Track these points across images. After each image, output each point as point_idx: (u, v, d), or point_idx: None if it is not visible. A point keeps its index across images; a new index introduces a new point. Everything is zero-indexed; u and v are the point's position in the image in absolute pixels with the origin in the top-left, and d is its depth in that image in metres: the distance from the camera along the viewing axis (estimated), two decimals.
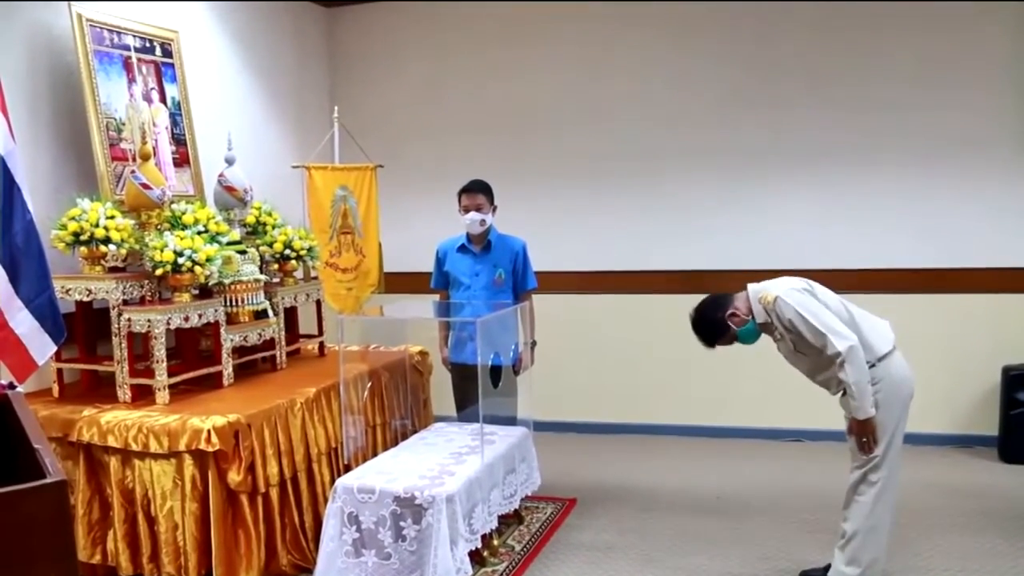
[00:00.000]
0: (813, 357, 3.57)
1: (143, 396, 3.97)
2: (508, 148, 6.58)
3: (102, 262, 4.01)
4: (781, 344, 3.68)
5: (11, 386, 1.80)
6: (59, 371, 4.08)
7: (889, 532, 3.68)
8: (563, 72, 6.50)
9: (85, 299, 3.98)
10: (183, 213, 4.28)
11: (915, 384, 3.64)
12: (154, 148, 4.52)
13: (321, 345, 5.26)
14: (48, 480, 1.33)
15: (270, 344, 4.71)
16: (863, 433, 3.53)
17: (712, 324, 3.76)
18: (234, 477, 3.64)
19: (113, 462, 3.66)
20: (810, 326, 3.45)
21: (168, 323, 3.94)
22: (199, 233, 4.19)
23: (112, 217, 3.96)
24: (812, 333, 3.46)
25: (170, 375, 3.98)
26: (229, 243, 4.39)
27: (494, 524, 4.10)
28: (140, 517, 3.64)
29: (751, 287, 3.70)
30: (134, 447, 3.61)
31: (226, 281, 4.29)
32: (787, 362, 3.75)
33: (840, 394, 3.61)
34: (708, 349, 3.83)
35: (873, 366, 3.50)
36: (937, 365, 5.92)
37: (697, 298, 6.19)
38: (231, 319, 4.35)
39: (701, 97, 6.24)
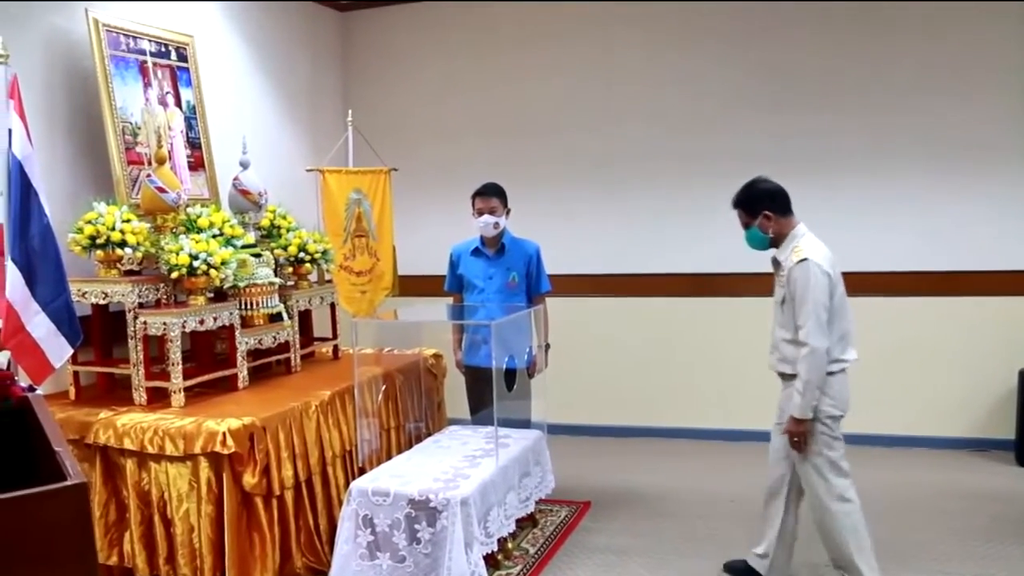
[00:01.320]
0: (788, 321, 3.66)
1: (159, 399, 3.98)
2: (521, 151, 6.58)
3: (118, 265, 4.02)
4: (777, 287, 3.78)
5: (30, 389, 1.81)
6: (75, 374, 4.10)
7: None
8: (574, 75, 6.50)
9: (101, 302, 4.00)
10: (198, 216, 4.30)
11: (846, 407, 3.72)
12: (169, 152, 4.54)
13: (335, 348, 5.27)
14: (69, 483, 1.34)
15: (284, 347, 4.72)
16: (796, 432, 3.64)
17: (755, 202, 3.80)
18: (249, 480, 3.64)
19: (129, 464, 3.68)
20: (803, 304, 3.53)
21: (183, 326, 3.96)
22: (214, 236, 4.20)
23: (128, 221, 3.98)
24: (800, 310, 3.55)
25: (185, 378, 3.99)
26: (244, 246, 4.40)
27: (512, 528, 4.10)
28: (156, 519, 3.65)
29: (800, 228, 3.76)
30: (150, 449, 3.62)
31: (241, 284, 4.30)
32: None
33: (783, 386, 3.76)
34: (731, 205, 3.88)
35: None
36: (953, 369, 5.91)
37: (708, 300, 6.30)
38: (246, 322, 4.36)
39: (709, 100, 6.23)
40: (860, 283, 6.03)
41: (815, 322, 3.50)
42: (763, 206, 3.76)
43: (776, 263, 3.79)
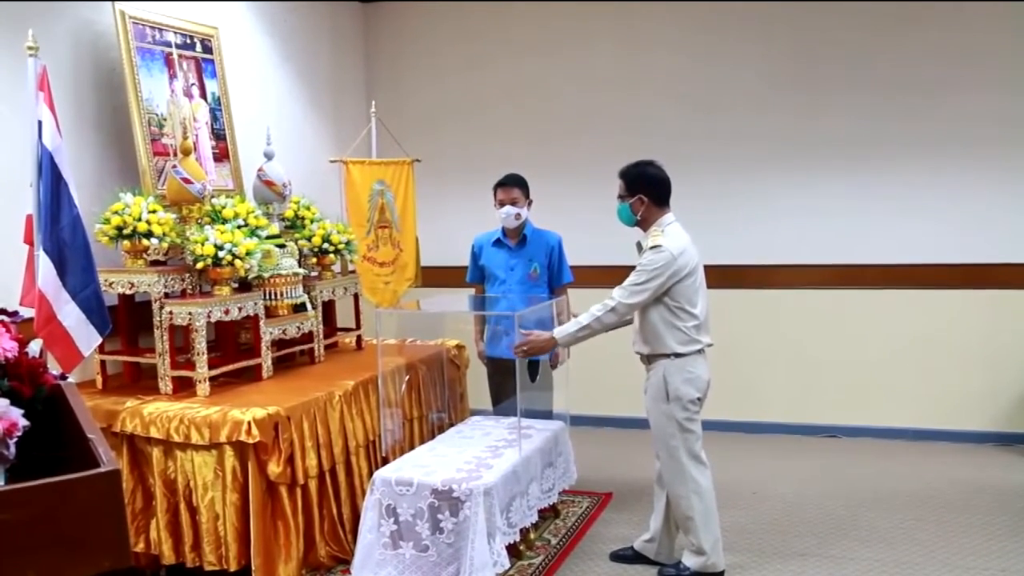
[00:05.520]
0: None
1: (184, 388, 4.02)
2: (544, 141, 6.56)
3: (144, 256, 4.06)
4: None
5: (62, 377, 1.83)
6: (102, 363, 4.14)
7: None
8: (598, 64, 6.48)
9: (128, 292, 4.04)
10: (223, 207, 4.33)
11: (706, 389, 3.92)
12: (195, 143, 4.57)
13: (359, 338, 5.30)
14: (103, 469, 1.35)
15: (308, 337, 4.74)
16: (538, 347, 3.98)
17: (637, 183, 3.98)
18: (274, 469, 3.68)
19: (155, 453, 3.72)
20: (640, 273, 3.81)
21: (208, 316, 3.99)
22: (239, 227, 4.23)
23: (154, 211, 4.01)
24: (634, 275, 3.84)
25: (210, 367, 4.03)
26: (268, 237, 4.43)
27: (534, 518, 4.11)
28: (182, 507, 3.70)
29: (667, 218, 3.97)
30: (176, 438, 3.66)
31: (265, 275, 4.33)
32: None
33: (646, 369, 4.07)
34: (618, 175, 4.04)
35: (667, 356, 3.89)
36: (977, 362, 5.86)
37: (733, 292, 6.26)
38: (270, 312, 4.39)
39: (739, 85, 6.19)
40: (885, 276, 6.02)
41: (638, 295, 3.78)
42: (642, 189, 3.95)
43: (639, 247, 3.98)
